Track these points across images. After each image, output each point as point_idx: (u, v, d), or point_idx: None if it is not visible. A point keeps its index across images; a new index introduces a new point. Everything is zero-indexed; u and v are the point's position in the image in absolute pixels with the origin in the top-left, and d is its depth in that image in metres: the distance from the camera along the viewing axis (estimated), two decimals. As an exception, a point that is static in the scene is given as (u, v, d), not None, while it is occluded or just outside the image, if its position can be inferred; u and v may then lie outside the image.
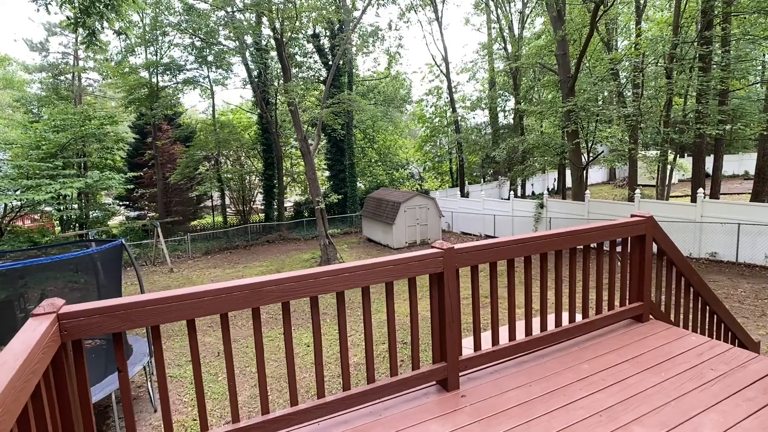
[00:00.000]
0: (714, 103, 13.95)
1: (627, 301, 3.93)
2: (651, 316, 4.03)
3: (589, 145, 18.40)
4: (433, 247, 2.90)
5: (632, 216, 3.96)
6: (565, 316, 3.64)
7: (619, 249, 3.91)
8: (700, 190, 13.77)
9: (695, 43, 14.25)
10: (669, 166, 16.44)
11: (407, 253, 2.78)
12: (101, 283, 7.50)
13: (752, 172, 32.29)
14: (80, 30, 12.53)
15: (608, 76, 17.93)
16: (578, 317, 3.70)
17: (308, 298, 2.46)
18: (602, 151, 17.58)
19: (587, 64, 19.23)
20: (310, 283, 2.42)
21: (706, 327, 4.50)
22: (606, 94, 17.03)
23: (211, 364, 9.13)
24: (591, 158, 17.47)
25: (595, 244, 3.67)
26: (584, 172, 17.40)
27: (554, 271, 3.51)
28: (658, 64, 15.27)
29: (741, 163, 32.53)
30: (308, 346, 9.57)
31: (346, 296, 2.62)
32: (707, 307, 4.50)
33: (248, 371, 8.73)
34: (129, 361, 7.05)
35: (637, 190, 15.76)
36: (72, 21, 12.19)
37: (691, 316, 4.33)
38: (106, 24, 14.22)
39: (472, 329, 3.09)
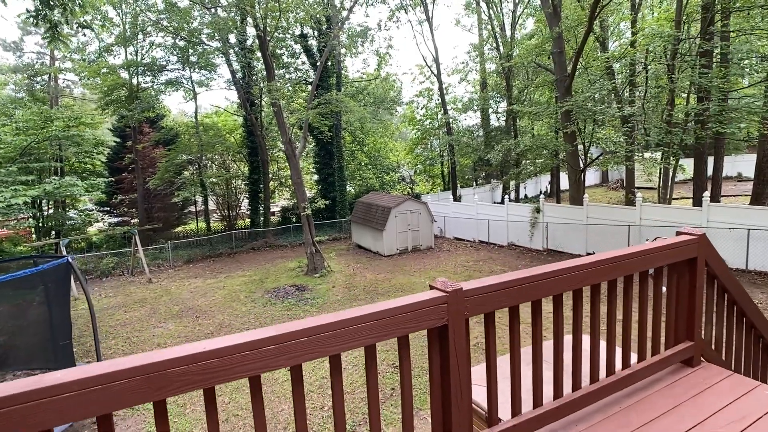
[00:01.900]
0: (723, 102, 13.30)
1: (673, 341, 3.14)
2: (702, 358, 3.23)
3: (587, 147, 17.75)
4: (433, 287, 2.07)
5: (678, 234, 3.15)
6: (602, 364, 2.82)
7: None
8: (706, 193, 13.12)
9: (697, 40, 13.64)
10: (671, 168, 15.81)
11: (396, 300, 1.94)
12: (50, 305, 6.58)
13: (746, 173, 32.05)
14: (42, 23, 11.59)
15: (605, 74, 17.29)
16: (616, 363, 2.90)
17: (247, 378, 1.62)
18: (601, 154, 16.91)
19: (582, 63, 18.59)
20: (246, 357, 1.58)
21: (760, 367, 3.73)
22: (605, 92, 16.35)
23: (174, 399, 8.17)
24: (590, 161, 16.77)
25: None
26: (582, 175, 16.73)
27: (590, 311, 2.69)
28: (660, 62, 14.64)
29: (734, 164, 32.19)
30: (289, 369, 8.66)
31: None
32: (761, 341, 3.73)
33: None
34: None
35: (639, 194, 15.10)
36: (32, 14, 11.22)
37: (743, 354, 3.55)
38: (80, 19, 13.24)
39: (487, 403, 2.25)
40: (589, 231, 16.23)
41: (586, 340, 2.76)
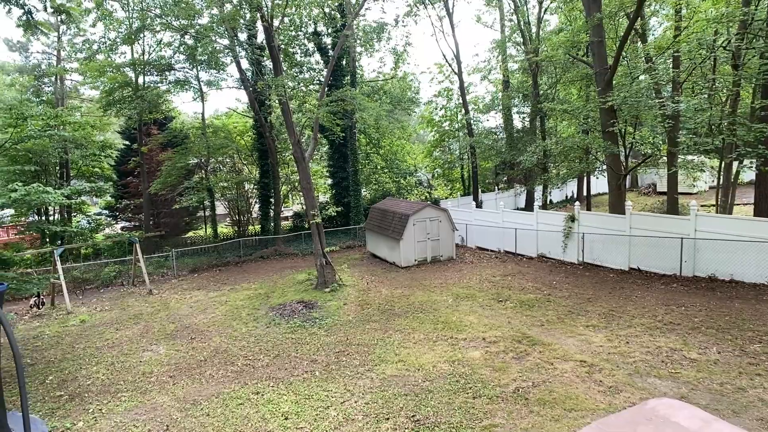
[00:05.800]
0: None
1: None
2: None
3: (627, 149, 15.90)
4: None
5: None
6: None
7: None
8: (782, 202, 11.22)
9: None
10: (734, 172, 13.86)
11: None
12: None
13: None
14: (15, 6, 10.37)
15: (648, 68, 15.44)
16: None
17: None
18: (649, 156, 15.00)
19: (623, 55, 16.72)
20: None
21: None
22: (664, 82, 14.41)
23: (154, 447, 6.70)
24: (635, 164, 14.90)
25: None
26: (624, 180, 14.88)
27: None
28: (728, 47, 12.68)
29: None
30: (286, 418, 7.13)
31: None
32: None
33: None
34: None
35: (693, 202, 13.19)
36: (2, -2, 9.96)
37: None
38: (57, 2, 11.99)
39: None
40: (633, 243, 14.37)
41: None
